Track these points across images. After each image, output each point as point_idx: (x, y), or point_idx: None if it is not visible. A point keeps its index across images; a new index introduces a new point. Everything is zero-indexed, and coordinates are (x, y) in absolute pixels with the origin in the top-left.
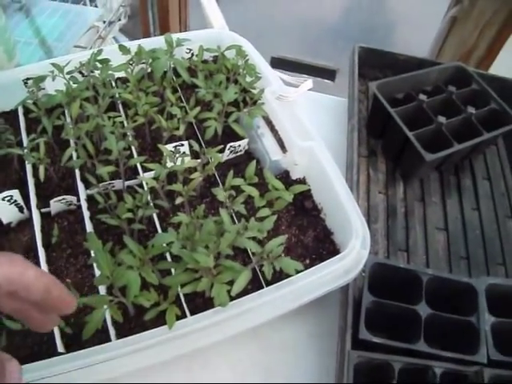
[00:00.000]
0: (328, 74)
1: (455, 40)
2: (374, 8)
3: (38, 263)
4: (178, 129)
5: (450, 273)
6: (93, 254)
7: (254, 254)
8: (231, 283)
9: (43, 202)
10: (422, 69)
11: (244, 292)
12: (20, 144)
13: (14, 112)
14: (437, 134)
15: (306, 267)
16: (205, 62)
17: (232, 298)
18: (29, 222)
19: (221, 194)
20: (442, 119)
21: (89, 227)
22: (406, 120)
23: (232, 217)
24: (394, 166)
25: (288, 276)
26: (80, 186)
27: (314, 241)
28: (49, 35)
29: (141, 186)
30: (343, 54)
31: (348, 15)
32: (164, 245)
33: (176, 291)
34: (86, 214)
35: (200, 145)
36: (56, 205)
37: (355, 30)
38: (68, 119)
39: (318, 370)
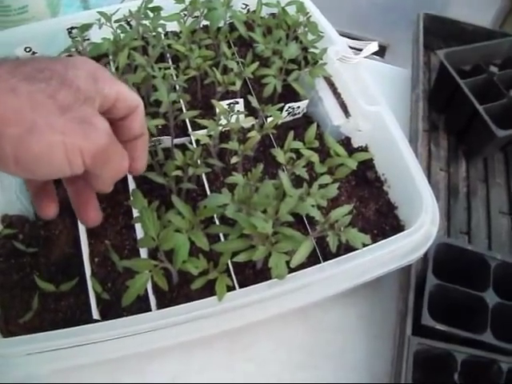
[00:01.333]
0: (378, 49)
1: None
2: None
3: (74, 222)
4: (234, 84)
5: None
6: (136, 214)
7: (314, 223)
8: (289, 254)
9: None
10: (490, 40)
11: (301, 266)
12: None
13: None
14: (509, 109)
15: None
16: (262, 18)
17: (290, 271)
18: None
19: (280, 155)
20: None
21: (132, 186)
22: (475, 93)
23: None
24: (457, 142)
25: (348, 251)
26: None
27: (376, 214)
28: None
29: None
30: (394, 29)
31: None
32: (217, 207)
33: (228, 259)
34: None
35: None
36: None
37: (409, 2)
38: (113, 70)
39: (366, 354)
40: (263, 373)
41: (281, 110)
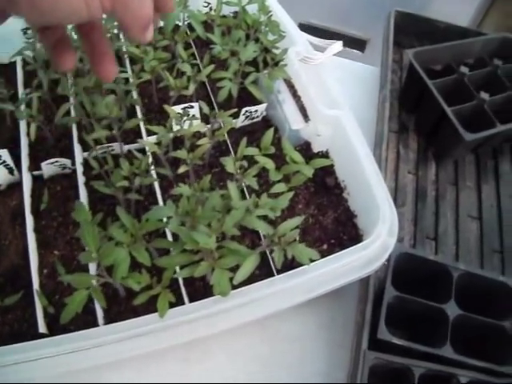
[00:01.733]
0: (357, 43)
1: (501, 10)
2: None
3: (24, 232)
4: (187, 88)
5: (482, 267)
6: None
7: (265, 236)
8: (237, 268)
9: (36, 164)
10: (464, 38)
11: (251, 279)
12: (15, 99)
13: (13, 64)
14: (478, 111)
15: (323, 253)
16: (223, 17)
17: (236, 286)
18: (19, 185)
19: (230, 164)
20: (484, 95)
21: (83, 194)
22: (444, 94)
23: (243, 191)
24: (427, 144)
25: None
26: (77, 147)
27: (334, 223)
28: None
29: (144, 151)
30: (375, 23)
31: None
32: (165, 219)
33: (171, 274)
34: (81, 179)
35: (212, 108)
36: (49, 168)
37: None
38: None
39: (326, 364)
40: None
41: (237, 114)
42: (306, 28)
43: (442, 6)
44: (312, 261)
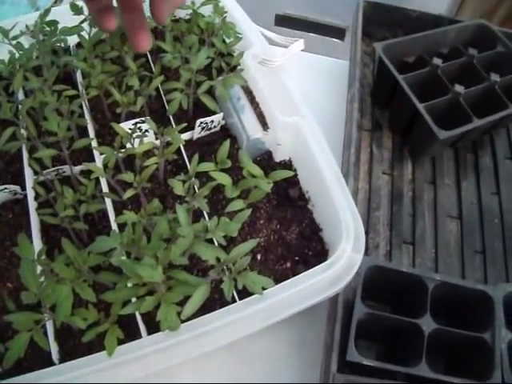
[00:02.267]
0: (337, 32)
1: None
2: None
3: None
4: (134, 103)
5: (463, 270)
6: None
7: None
8: (186, 298)
9: None
10: (438, 27)
11: (207, 306)
12: None
13: None
14: (453, 105)
15: (287, 272)
16: (176, 21)
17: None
18: None
19: (178, 186)
20: (459, 88)
21: (34, 221)
22: (418, 88)
23: (200, 211)
24: (402, 141)
25: None
26: (27, 171)
27: (298, 238)
28: None
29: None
30: (353, 10)
31: None
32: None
33: (119, 309)
34: (32, 204)
35: (167, 120)
36: None
37: None
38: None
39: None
40: None
41: (193, 125)
42: (282, 19)
43: None
44: (264, 289)
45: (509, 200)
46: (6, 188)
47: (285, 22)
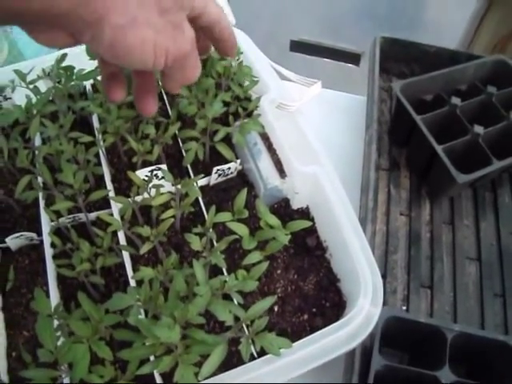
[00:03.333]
0: (352, 57)
1: (493, 21)
2: None
3: None
4: (151, 152)
5: (482, 313)
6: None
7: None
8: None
9: (3, 235)
10: (455, 62)
11: (223, 363)
12: None
13: None
14: (472, 146)
15: (303, 324)
16: None
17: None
18: None
19: (195, 241)
20: (478, 129)
21: (50, 269)
22: (436, 127)
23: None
24: (420, 181)
25: None
26: (44, 217)
27: (315, 289)
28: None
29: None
30: (368, 36)
31: None
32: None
33: (136, 367)
34: (49, 251)
35: (185, 168)
36: (15, 241)
37: (382, 8)
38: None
39: None
40: None
41: (210, 171)
42: (297, 45)
43: (435, 16)
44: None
45: None
46: (22, 235)
47: (300, 47)
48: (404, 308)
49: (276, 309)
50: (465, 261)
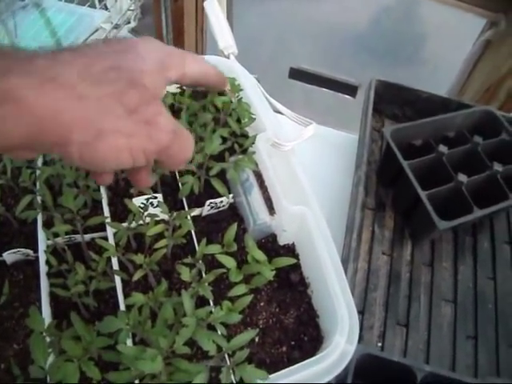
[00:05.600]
0: (349, 89)
1: (487, 65)
2: (403, 18)
3: None
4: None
5: (454, 354)
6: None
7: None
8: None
9: (0, 248)
10: (446, 108)
11: None
12: None
13: None
14: (455, 193)
15: (281, 356)
16: (192, 97)
17: None
18: None
19: (185, 272)
20: (462, 178)
21: (44, 285)
22: (423, 172)
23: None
24: (404, 222)
25: None
26: (41, 234)
27: (295, 322)
28: (51, 36)
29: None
30: (366, 68)
31: (375, 25)
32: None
33: None
34: (43, 268)
35: (177, 193)
36: (11, 256)
37: (381, 42)
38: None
39: None
40: None
41: (203, 202)
42: (296, 73)
43: (433, 51)
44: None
45: (504, 285)
46: (19, 251)
47: (299, 75)
48: (379, 344)
49: (257, 339)
50: (441, 302)
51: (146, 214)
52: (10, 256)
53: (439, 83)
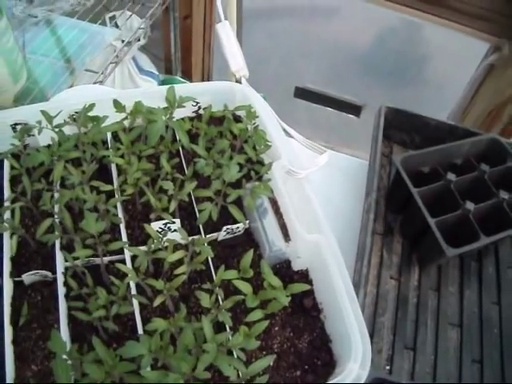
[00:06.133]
0: (353, 108)
1: (490, 89)
2: (407, 40)
3: (1, 342)
4: (167, 209)
5: (460, 378)
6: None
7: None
8: None
9: (18, 269)
10: (453, 136)
11: None
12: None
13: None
14: (463, 220)
15: (295, 380)
16: (212, 119)
17: None
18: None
19: (205, 299)
20: (470, 206)
21: (62, 307)
22: (431, 199)
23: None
24: (411, 247)
25: None
26: (59, 256)
27: (308, 347)
28: (62, 53)
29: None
30: (370, 88)
31: (379, 46)
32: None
33: None
34: (61, 290)
35: (195, 219)
36: (30, 277)
37: (385, 63)
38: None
39: None
40: None
41: (220, 227)
42: (301, 92)
43: (438, 73)
44: None
45: (509, 310)
46: (38, 272)
47: (304, 94)
48: (388, 367)
49: (272, 363)
50: (447, 326)
51: (165, 239)
52: (29, 277)
53: (442, 104)
